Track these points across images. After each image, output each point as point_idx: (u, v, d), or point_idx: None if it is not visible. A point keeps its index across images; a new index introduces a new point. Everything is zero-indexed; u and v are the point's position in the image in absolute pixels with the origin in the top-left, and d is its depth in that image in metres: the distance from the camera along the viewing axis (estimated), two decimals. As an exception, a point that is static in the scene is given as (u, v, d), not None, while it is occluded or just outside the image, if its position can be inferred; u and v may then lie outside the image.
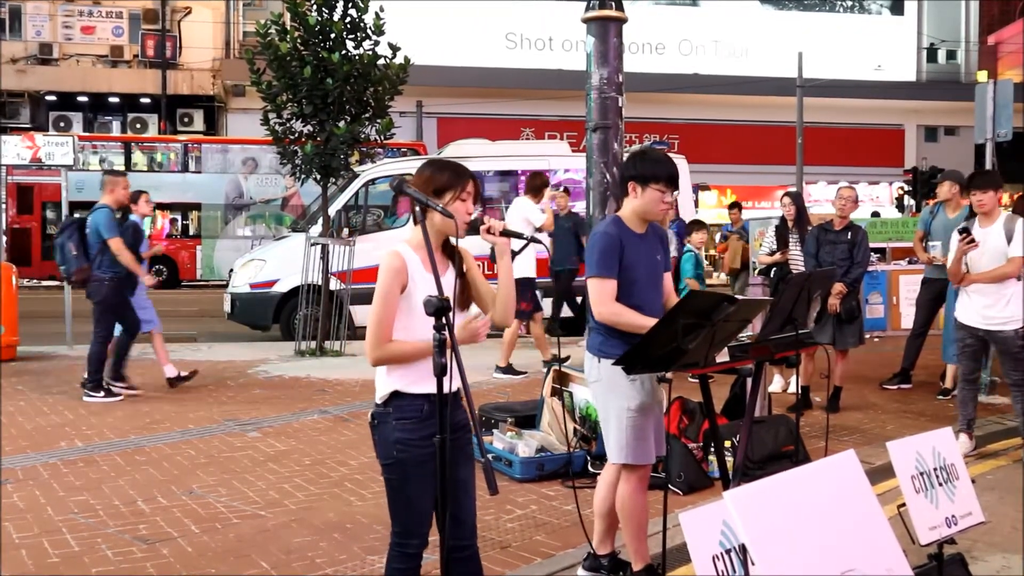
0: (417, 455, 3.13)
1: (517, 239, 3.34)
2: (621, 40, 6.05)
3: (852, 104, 34.41)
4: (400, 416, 3.17)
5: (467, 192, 3.25)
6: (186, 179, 26.58)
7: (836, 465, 2.53)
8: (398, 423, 3.17)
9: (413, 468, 3.15)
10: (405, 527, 3.22)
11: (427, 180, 3.25)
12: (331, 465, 6.44)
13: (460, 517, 3.26)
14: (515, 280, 3.47)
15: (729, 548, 2.34)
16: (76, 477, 6.13)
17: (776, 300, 4.04)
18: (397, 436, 3.17)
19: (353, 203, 13.53)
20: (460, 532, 3.26)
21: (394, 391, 3.19)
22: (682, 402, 6.51)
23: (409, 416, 3.16)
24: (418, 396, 3.15)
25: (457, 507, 3.24)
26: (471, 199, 3.27)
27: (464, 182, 3.26)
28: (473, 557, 3.34)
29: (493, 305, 3.35)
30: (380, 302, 3.15)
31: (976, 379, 6.66)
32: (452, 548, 3.29)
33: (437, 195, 3.21)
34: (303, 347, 11.62)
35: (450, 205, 3.20)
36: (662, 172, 3.99)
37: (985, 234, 6.26)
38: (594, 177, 6.01)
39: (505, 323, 3.41)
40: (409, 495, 3.19)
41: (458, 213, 3.20)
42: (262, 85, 11.74)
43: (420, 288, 3.12)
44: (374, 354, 3.17)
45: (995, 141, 12.82)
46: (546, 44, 33.91)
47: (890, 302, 13.67)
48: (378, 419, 3.24)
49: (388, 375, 3.21)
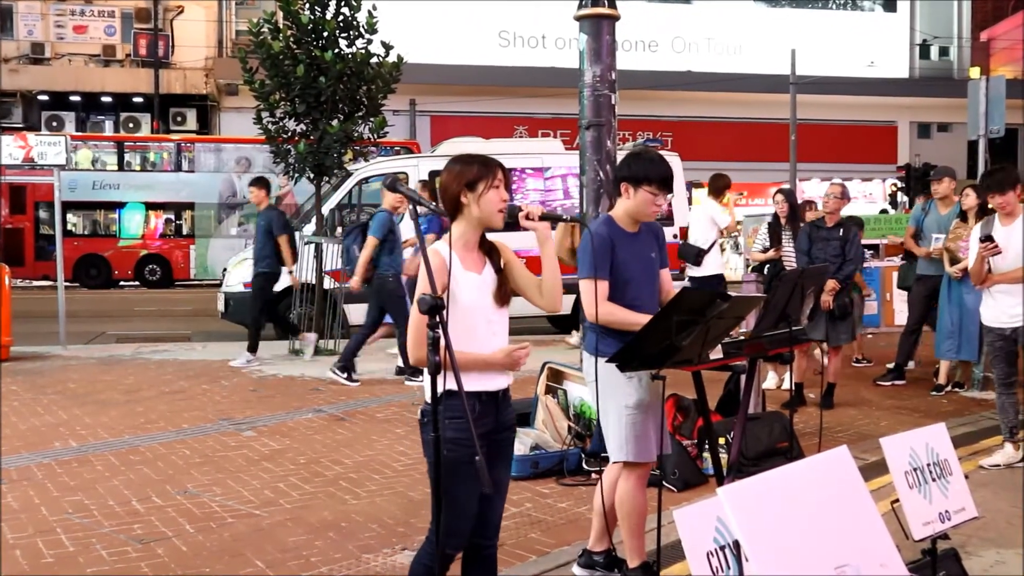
0: (466, 455, 3.00)
1: (558, 222, 3.32)
2: (614, 37, 6.05)
3: (845, 101, 34.45)
4: (451, 415, 3.08)
5: (499, 180, 3.25)
6: (179, 178, 26.53)
7: (829, 461, 2.53)
8: (450, 422, 3.08)
9: (464, 467, 3.05)
10: (447, 526, 3.09)
11: (458, 175, 3.24)
12: (326, 464, 6.43)
13: (488, 517, 3.25)
14: (705, 278, 3.46)
15: (723, 544, 2.35)
16: (71, 477, 6.12)
17: (770, 297, 4.05)
18: (449, 435, 3.06)
19: (347, 202, 13.52)
20: (485, 531, 3.25)
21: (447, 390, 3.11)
22: (676, 399, 6.51)
23: (460, 415, 3.03)
24: (469, 395, 3.04)
25: (488, 506, 3.23)
26: (503, 186, 3.26)
27: (494, 170, 3.25)
28: (491, 557, 3.33)
29: (540, 294, 3.32)
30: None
31: (1012, 383, 6.20)
32: (474, 546, 3.29)
33: (470, 188, 3.22)
34: (297, 346, 11.61)
35: (484, 195, 3.21)
36: (655, 174, 4.00)
37: (1008, 233, 5.99)
38: (587, 175, 6.02)
39: (554, 309, 3.37)
40: (456, 495, 3.11)
41: (492, 203, 3.22)
42: (255, 84, 11.73)
43: (463, 286, 3.13)
44: (416, 355, 3.12)
45: (988, 137, 12.86)
46: (539, 42, 33.90)
47: (883, 298, 13.69)
48: (427, 417, 3.14)
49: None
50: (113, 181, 25.88)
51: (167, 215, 26.89)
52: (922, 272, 9.31)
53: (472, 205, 3.21)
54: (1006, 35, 37.69)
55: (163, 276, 26.47)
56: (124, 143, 27.31)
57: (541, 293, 3.32)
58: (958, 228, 8.45)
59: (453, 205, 3.25)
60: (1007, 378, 6.20)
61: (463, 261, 3.17)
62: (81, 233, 26.25)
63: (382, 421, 7.72)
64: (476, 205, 3.22)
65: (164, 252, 26.56)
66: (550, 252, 3.29)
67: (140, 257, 26.42)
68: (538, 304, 3.34)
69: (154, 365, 10.76)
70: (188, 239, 26.77)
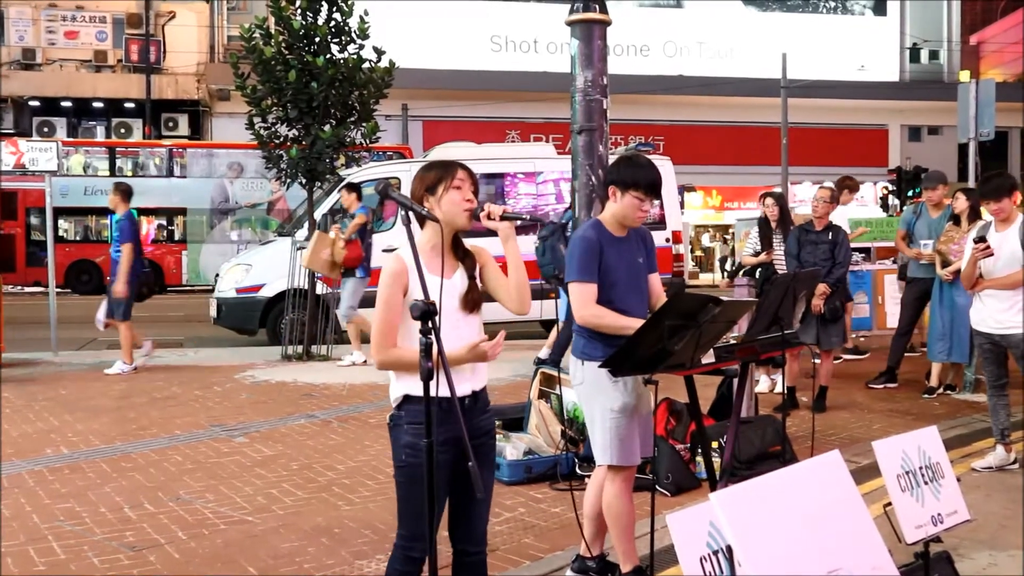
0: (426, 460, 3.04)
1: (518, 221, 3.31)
2: (605, 42, 6.05)
3: (836, 104, 34.59)
4: (411, 420, 3.12)
5: (458, 179, 3.22)
6: (171, 183, 26.51)
7: (821, 465, 2.54)
8: (409, 427, 3.12)
9: (424, 473, 3.05)
10: (411, 531, 3.17)
11: (419, 181, 3.26)
12: (318, 469, 6.42)
13: (473, 524, 3.25)
14: None
15: (716, 549, 2.35)
16: (62, 484, 6.10)
17: (762, 301, 4.06)
18: (407, 440, 3.12)
19: (339, 207, 13.49)
20: (471, 539, 3.25)
21: (406, 395, 3.16)
22: (669, 403, 6.53)
23: (420, 420, 3.01)
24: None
25: (472, 514, 3.23)
26: (466, 186, 3.23)
27: (453, 171, 3.24)
28: (481, 564, 3.32)
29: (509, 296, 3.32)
30: (382, 306, 3.14)
31: (1003, 385, 6.25)
32: (461, 554, 3.29)
33: (431, 193, 3.22)
34: (290, 351, 11.60)
35: (444, 197, 3.20)
36: (642, 179, 4.01)
37: (1002, 238, 5.99)
38: (579, 179, 6.01)
39: (523, 311, 3.33)
40: (417, 499, 3.11)
41: (453, 203, 3.20)
42: (247, 89, 11.71)
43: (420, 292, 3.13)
44: (379, 358, 3.16)
45: (978, 140, 12.90)
46: (531, 46, 33.98)
47: (875, 301, 13.71)
48: (393, 421, 3.21)
49: (399, 379, 3.18)
50: (105, 187, 25.72)
51: (159, 220, 26.86)
52: (913, 275, 9.34)
53: (435, 208, 3.20)
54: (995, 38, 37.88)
55: (155, 281, 26.40)
56: (116, 148, 27.29)
57: (509, 296, 3.31)
58: (950, 231, 8.48)
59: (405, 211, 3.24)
60: (997, 380, 6.24)
61: (428, 265, 3.15)
62: (73, 239, 26.22)
63: (375, 426, 7.71)
64: (438, 207, 3.21)
65: (156, 257, 26.49)
66: (514, 251, 3.27)
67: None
68: (510, 308, 3.32)
69: (145, 371, 10.73)
70: (180, 244, 26.75)
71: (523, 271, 3.30)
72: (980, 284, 6.07)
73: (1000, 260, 5.96)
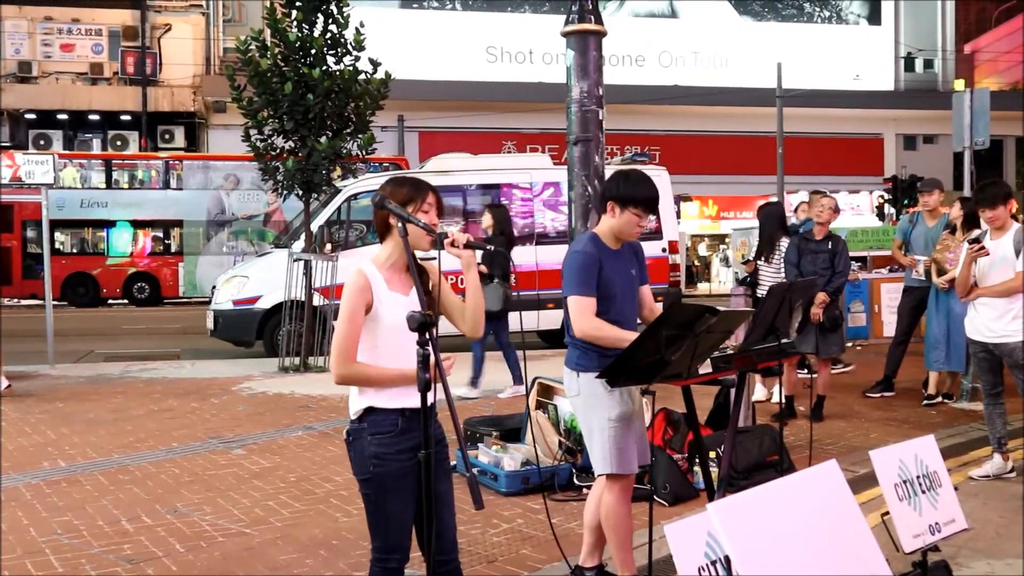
0: (394, 469, 3.13)
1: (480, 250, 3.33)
2: (601, 53, 6.06)
3: (831, 114, 34.70)
4: (375, 431, 3.16)
5: (428, 203, 3.24)
6: (168, 196, 26.52)
7: (819, 476, 2.54)
8: (373, 438, 3.15)
9: (391, 482, 3.14)
10: (385, 542, 3.21)
11: (388, 196, 3.23)
12: (316, 481, 6.42)
13: (440, 531, 3.25)
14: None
15: (714, 559, 2.35)
16: (59, 497, 6.09)
17: (758, 310, 4.06)
18: (373, 451, 3.15)
19: (335, 218, 13.52)
20: (441, 546, 3.25)
21: (369, 407, 3.18)
22: (666, 413, 6.53)
23: (384, 431, 3.14)
24: (392, 411, 3.15)
25: (437, 521, 3.23)
26: (433, 211, 3.26)
27: (424, 194, 3.25)
28: (455, 572, 3.33)
29: (463, 319, 3.35)
30: (344, 320, 3.14)
31: (998, 393, 6.21)
32: (435, 563, 3.29)
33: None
34: (287, 363, 11.59)
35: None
36: (641, 196, 4.03)
37: (996, 246, 6.00)
38: (575, 190, 6.01)
39: (475, 335, 3.39)
40: (388, 510, 3.17)
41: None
42: (243, 101, 11.74)
43: (385, 307, 3.13)
44: (338, 371, 3.15)
45: (973, 149, 12.94)
46: (527, 57, 34.07)
47: (872, 310, 13.75)
48: (353, 435, 3.22)
49: (361, 393, 3.20)
50: (101, 199, 25.87)
51: (155, 232, 26.86)
52: (909, 283, 9.35)
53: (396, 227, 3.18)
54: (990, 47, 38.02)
55: (152, 294, 26.41)
56: (112, 161, 27.30)
57: (464, 318, 3.34)
58: (946, 240, 8.49)
59: (383, 226, 3.24)
60: (993, 388, 6.23)
61: (389, 282, 3.17)
62: (69, 251, 26.21)
63: (372, 438, 7.69)
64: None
65: (153, 270, 26.52)
66: (473, 279, 3.31)
67: (128, 275, 26.37)
68: (461, 329, 3.36)
69: (143, 384, 10.72)
70: (177, 256, 26.74)
71: (481, 297, 3.36)
72: (974, 292, 6.09)
73: (994, 267, 5.98)
